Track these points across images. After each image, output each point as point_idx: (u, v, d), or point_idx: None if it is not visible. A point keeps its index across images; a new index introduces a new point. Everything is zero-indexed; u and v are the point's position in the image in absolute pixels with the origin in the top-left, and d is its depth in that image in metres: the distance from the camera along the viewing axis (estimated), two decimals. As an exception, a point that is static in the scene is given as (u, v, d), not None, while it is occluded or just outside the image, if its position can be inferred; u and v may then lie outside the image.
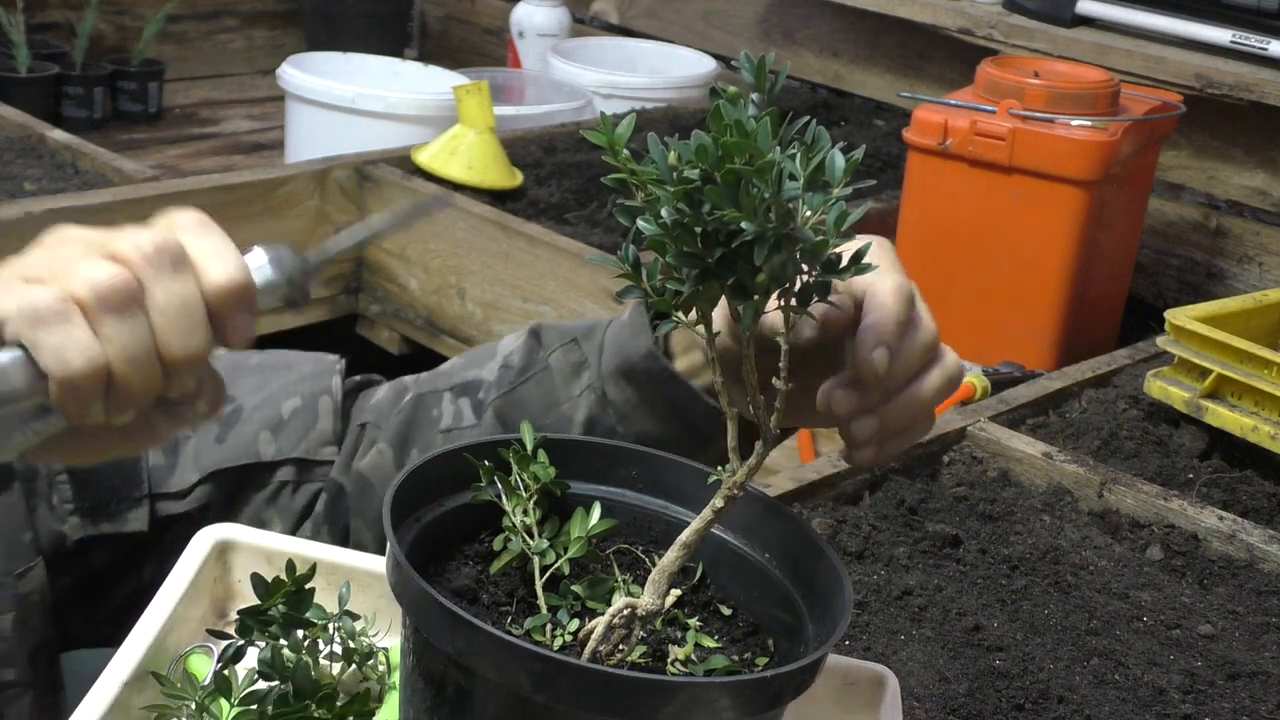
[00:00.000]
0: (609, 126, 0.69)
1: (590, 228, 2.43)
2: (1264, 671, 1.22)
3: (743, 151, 0.63)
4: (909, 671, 1.17)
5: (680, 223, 0.66)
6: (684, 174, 0.65)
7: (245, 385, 1.08)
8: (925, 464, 1.52)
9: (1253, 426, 1.55)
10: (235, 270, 0.64)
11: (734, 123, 0.63)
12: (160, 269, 0.62)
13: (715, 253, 0.66)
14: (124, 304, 0.60)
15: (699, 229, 0.66)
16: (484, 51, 3.68)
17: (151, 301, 0.61)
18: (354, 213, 2.46)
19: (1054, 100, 2.03)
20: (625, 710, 0.67)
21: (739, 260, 0.66)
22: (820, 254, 0.66)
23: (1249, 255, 2.50)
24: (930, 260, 2.13)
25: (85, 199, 2.15)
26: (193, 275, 0.63)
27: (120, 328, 0.60)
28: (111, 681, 0.81)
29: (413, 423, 1.04)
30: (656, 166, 0.66)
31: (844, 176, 0.65)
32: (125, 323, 0.60)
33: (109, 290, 0.60)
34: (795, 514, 0.83)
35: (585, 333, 0.99)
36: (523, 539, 0.79)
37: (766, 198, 0.63)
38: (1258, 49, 2.35)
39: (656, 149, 0.66)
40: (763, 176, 0.63)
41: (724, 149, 0.63)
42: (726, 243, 0.66)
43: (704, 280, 0.68)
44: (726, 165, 0.63)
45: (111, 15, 3.28)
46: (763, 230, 0.64)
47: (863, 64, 3.06)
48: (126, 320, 0.60)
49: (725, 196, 0.63)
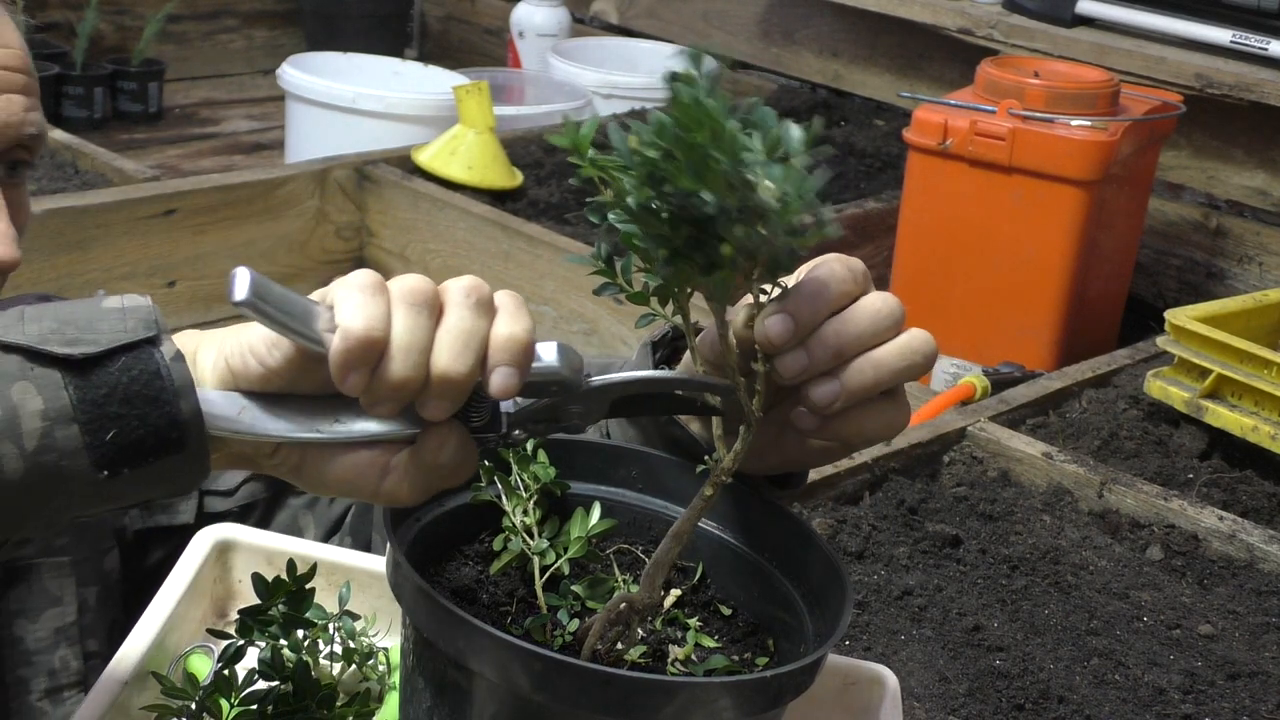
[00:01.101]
0: (573, 129, 0.70)
1: (590, 228, 2.43)
2: (1264, 671, 1.22)
3: (702, 125, 0.63)
4: (909, 671, 1.17)
5: (647, 208, 0.66)
6: (645, 155, 0.65)
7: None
8: (925, 464, 1.53)
9: (1253, 426, 1.55)
10: (523, 329, 0.69)
11: (691, 100, 0.63)
12: (464, 301, 0.68)
13: (682, 232, 0.67)
14: (421, 304, 0.67)
15: (665, 214, 0.66)
16: (484, 51, 3.68)
17: (444, 319, 0.68)
18: (354, 213, 2.46)
19: (1054, 100, 2.03)
20: (625, 710, 0.67)
21: (706, 237, 0.66)
22: (783, 222, 0.66)
23: (1249, 255, 2.50)
24: (930, 260, 2.13)
25: (85, 199, 2.15)
26: (488, 319, 0.69)
27: (408, 318, 0.67)
28: (111, 681, 0.81)
29: None
30: (619, 152, 0.66)
31: (802, 147, 0.65)
32: (414, 317, 0.67)
33: (414, 291, 0.67)
34: (795, 514, 0.83)
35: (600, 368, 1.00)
36: (523, 539, 0.79)
37: (726, 169, 0.63)
38: (1258, 49, 2.35)
39: (616, 133, 0.66)
40: (721, 147, 0.63)
41: (680, 125, 0.63)
42: (693, 223, 0.66)
43: (674, 262, 0.68)
44: (685, 140, 0.63)
45: (111, 15, 3.28)
46: (724, 202, 0.64)
47: (863, 64, 3.06)
48: (416, 316, 0.67)
49: (686, 171, 0.64)
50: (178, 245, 2.24)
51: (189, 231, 2.25)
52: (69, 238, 2.10)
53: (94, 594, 1.06)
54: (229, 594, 0.94)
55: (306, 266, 2.44)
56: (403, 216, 2.44)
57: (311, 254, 2.44)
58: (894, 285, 2.16)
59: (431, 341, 0.67)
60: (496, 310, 0.69)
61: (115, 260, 2.17)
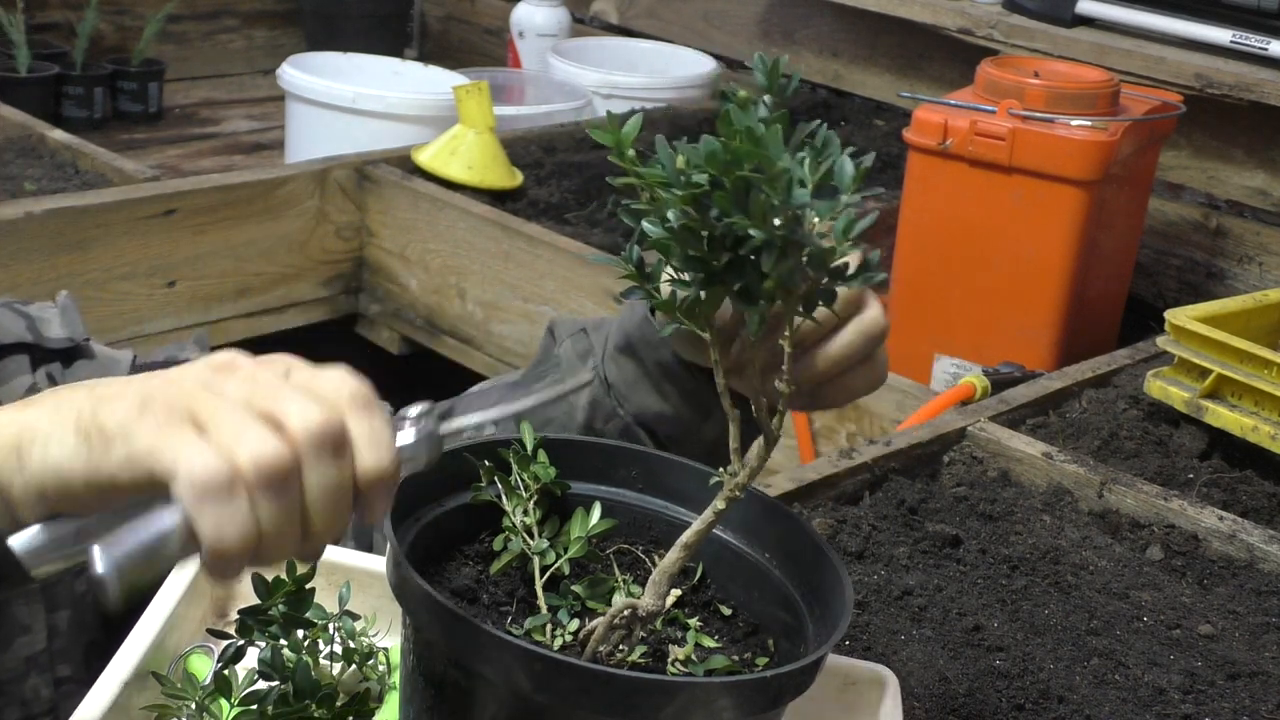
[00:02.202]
0: (616, 125, 0.68)
1: (590, 228, 2.43)
2: (1264, 671, 1.22)
3: (752, 158, 0.62)
4: (909, 671, 1.17)
5: (687, 227, 0.66)
6: (692, 178, 0.64)
7: None
8: (925, 464, 1.53)
9: (1253, 426, 1.55)
10: (387, 460, 0.67)
11: (744, 129, 0.63)
12: (321, 452, 0.65)
13: (722, 258, 0.66)
14: (283, 484, 0.64)
15: (706, 234, 0.66)
16: (484, 51, 3.68)
17: (307, 481, 0.65)
18: (354, 213, 2.46)
19: (1054, 100, 2.03)
20: (625, 710, 0.67)
21: (746, 265, 0.66)
22: (828, 262, 0.66)
23: (1249, 255, 2.50)
24: (930, 260, 2.13)
25: (85, 199, 2.15)
26: (349, 460, 0.66)
27: (274, 505, 0.63)
28: (111, 681, 0.81)
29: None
30: (664, 169, 0.66)
31: (853, 184, 0.65)
32: (279, 501, 0.63)
33: (271, 470, 0.63)
34: (795, 514, 0.83)
35: (595, 325, 1.02)
36: (523, 539, 0.79)
37: (775, 205, 0.63)
38: (1258, 49, 2.35)
39: (665, 152, 0.66)
40: (772, 184, 0.62)
41: (733, 155, 0.63)
42: (734, 248, 0.66)
43: (710, 285, 0.67)
44: (735, 172, 0.62)
45: (111, 15, 3.28)
46: (770, 237, 0.63)
47: (863, 64, 3.06)
48: (281, 499, 0.64)
49: (734, 202, 0.63)
50: (178, 245, 2.24)
51: (189, 231, 2.25)
52: (69, 238, 2.10)
53: (65, 618, 1.02)
54: (229, 594, 0.94)
55: (306, 266, 2.44)
56: (403, 216, 2.44)
57: (311, 254, 2.44)
58: (894, 285, 2.17)
59: (300, 514, 0.65)
60: (351, 443, 0.66)
61: (115, 260, 2.17)
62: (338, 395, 0.67)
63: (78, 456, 0.65)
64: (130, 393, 0.66)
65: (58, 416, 0.66)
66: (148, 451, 0.63)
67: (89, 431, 0.65)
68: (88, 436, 0.65)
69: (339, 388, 0.67)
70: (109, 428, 0.64)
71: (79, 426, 0.65)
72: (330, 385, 0.67)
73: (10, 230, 2.03)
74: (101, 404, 0.66)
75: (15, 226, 2.04)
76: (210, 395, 0.66)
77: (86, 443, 0.65)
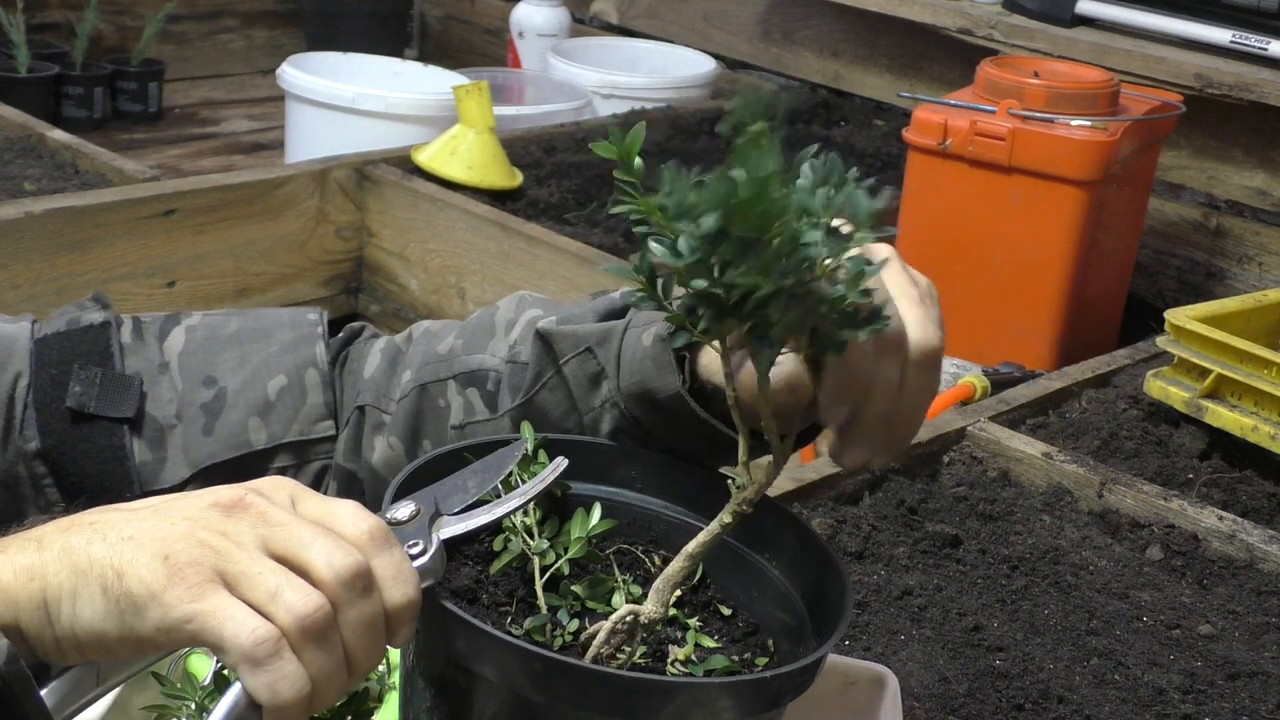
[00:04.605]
0: (619, 138, 0.66)
1: (590, 228, 2.43)
2: (1264, 671, 1.22)
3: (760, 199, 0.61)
4: (909, 671, 1.17)
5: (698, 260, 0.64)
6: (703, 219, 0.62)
7: (225, 362, 1.06)
8: (925, 464, 1.53)
9: (1253, 426, 1.55)
10: (412, 590, 0.69)
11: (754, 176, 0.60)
12: (352, 594, 0.67)
13: (733, 295, 0.65)
14: (324, 634, 0.66)
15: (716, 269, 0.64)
16: (484, 51, 3.68)
17: (344, 623, 0.67)
18: (354, 213, 2.46)
19: (1054, 100, 2.03)
20: (625, 710, 0.67)
21: (755, 306, 0.65)
22: (838, 308, 0.65)
23: (1249, 255, 2.50)
24: (930, 260, 2.13)
25: (85, 199, 2.15)
26: (378, 596, 0.68)
27: (320, 655, 0.66)
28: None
29: (420, 414, 1.04)
30: (673, 200, 0.64)
31: (868, 221, 0.64)
32: (324, 649, 0.66)
33: (313, 624, 0.65)
34: (796, 515, 0.83)
35: (599, 340, 0.97)
36: (523, 539, 0.79)
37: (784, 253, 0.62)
38: (1258, 49, 2.35)
39: (676, 181, 0.63)
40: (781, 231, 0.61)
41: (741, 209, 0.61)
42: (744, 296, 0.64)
43: (720, 320, 0.66)
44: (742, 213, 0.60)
45: (111, 15, 3.28)
46: (779, 287, 0.62)
47: (863, 64, 3.06)
48: (325, 648, 0.66)
49: (740, 253, 0.62)
50: (178, 245, 2.24)
51: (189, 231, 2.25)
52: (69, 238, 2.10)
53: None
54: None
55: (306, 266, 2.44)
56: (403, 216, 2.44)
57: (311, 254, 2.44)
58: (894, 285, 2.16)
59: (343, 655, 0.67)
60: (377, 581, 0.68)
61: (115, 260, 2.17)
62: (358, 534, 0.68)
63: (109, 619, 0.65)
64: (147, 543, 0.66)
65: (77, 572, 0.66)
66: (186, 620, 0.64)
67: (117, 597, 0.65)
68: (117, 601, 0.65)
69: (357, 526, 0.69)
70: (138, 594, 0.65)
71: (105, 588, 0.65)
72: (348, 524, 0.69)
73: (10, 230, 2.03)
74: (123, 562, 0.65)
75: (15, 226, 2.04)
76: (232, 546, 0.66)
77: (117, 607, 0.65)
